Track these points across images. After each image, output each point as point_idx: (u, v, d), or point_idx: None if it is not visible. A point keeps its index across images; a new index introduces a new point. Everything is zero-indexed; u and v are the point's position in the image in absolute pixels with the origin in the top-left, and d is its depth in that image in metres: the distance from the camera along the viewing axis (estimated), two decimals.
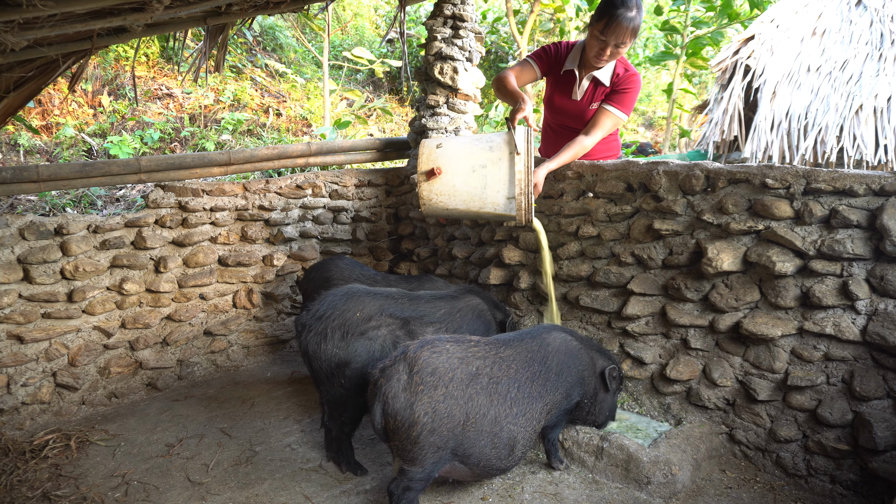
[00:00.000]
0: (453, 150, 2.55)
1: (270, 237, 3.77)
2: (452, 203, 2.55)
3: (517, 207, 2.46)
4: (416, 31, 8.51)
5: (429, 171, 2.52)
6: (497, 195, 2.48)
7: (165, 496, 2.23)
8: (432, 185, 2.53)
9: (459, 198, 2.53)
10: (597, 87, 2.93)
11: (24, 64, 2.45)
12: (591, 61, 2.84)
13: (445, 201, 2.55)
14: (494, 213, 2.52)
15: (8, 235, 2.82)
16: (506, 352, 2.08)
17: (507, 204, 2.47)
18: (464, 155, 2.53)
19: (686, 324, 2.48)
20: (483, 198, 2.50)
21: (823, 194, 2.17)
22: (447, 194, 2.54)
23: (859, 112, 4.64)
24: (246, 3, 2.41)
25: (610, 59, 2.79)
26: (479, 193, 2.50)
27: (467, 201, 2.53)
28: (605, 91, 2.92)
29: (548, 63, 3.03)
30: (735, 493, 2.17)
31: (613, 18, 2.60)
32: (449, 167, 2.52)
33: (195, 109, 5.90)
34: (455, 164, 2.52)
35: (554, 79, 3.06)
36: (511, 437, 1.97)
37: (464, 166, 2.51)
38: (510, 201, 2.46)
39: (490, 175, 2.47)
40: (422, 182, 2.55)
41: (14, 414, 2.83)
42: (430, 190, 2.54)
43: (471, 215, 2.59)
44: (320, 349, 2.31)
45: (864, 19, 5.11)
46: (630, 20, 2.60)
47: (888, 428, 2.01)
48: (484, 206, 2.51)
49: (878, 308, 2.09)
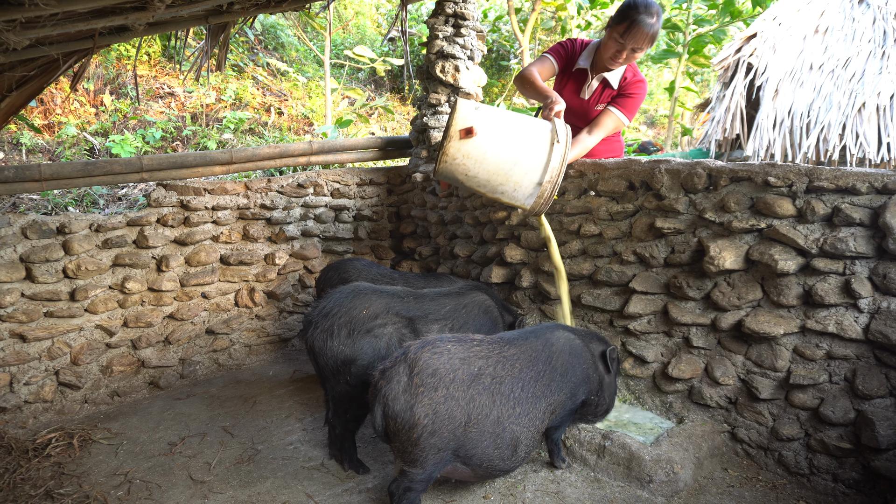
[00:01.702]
0: (496, 118, 2.41)
1: (272, 236, 3.77)
2: (476, 170, 2.39)
3: (540, 195, 2.38)
4: (418, 30, 8.50)
5: (467, 129, 2.33)
6: (525, 177, 2.38)
7: (168, 494, 2.24)
8: (463, 144, 2.34)
9: (485, 167, 2.39)
10: (605, 89, 2.96)
11: (26, 63, 2.46)
12: (605, 62, 2.85)
13: (470, 166, 2.38)
14: (513, 194, 2.41)
15: (10, 234, 2.83)
16: (509, 351, 2.06)
17: (533, 189, 2.38)
18: (506, 125, 2.40)
19: (688, 322, 2.48)
20: (509, 175, 2.38)
21: (826, 192, 2.16)
22: (475, 159, 2.37)
23: (862, 110, 4.63)
24: (247, 2, 2.41)
25: (625, 63, 2.82)
26: (508, 169, 2.38)
27: (492, 173, 2.39)
28: (612, 93, 2.94)
29: (564, 58, 3.05)
30: (737, 491, 2.17)
31: (634, 23, 2.63)
32: (488, 132, 2.35)
33: (197, 108, 5.91)
34: (495, 131, 2.37)
35: (565, 75, 3.09)
36: (514, 437, 1.96)
37: (503, 137, 2.37)
38: (537, 187, 2.38)
39: (525, 154, 2.36)
40: (453, 139, 2.35)
41: (17, 412, 2.83)
42: (458, 149, 2.36)
43: (487, 190, 2.46)
44: (326, 346, 2.31)
45: (867, 17, 5.10)
46: (650, 26, 2.64)
47: (891, 426, 2.00)
48: (506, 183, 2.40)
49: (880, 306, 2.08)
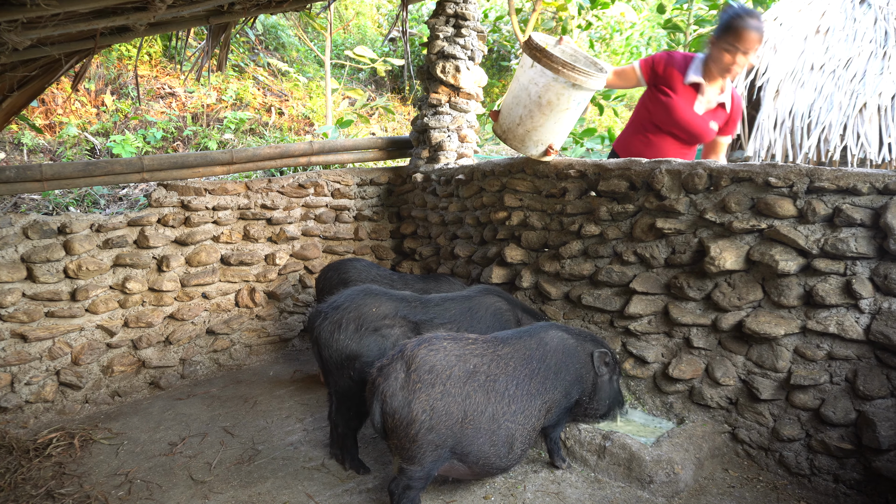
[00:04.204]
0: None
1: (273, 236, 3.77)
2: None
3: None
4: (419, 30, 8.50)
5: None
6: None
7: (168, 494, 2.24)
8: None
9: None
10: (718, 107, 3.05)
11: (27, 63, 2.46)
12: (717, 74, 2.94)
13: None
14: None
15: (12, 234, 2.83)
16: (503, 349, 2.07)
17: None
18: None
19: (689, 323, 2.48)
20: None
21: (827, 193, 2.16)
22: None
23: (863, 110, 4.62)
24: (248, 2, 2.41)
25: (740, 69, 2.89)
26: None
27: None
28: (723, 116, 3.06)
29: (651, 71, 3.09)
30: (738, 492, 2.17)
31: (745, 30, 2.75)
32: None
33: (198, 108, 5.91)
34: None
35: (672, 88, 3.03)
36: (509, 434, 1.97)
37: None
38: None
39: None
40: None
41: (18, 412, 2.84)
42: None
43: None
44: (332, 338, 2.31)
45: (868, 17, 5.09)
46: (757, 28, 2.76)
47: (892, 427, 2.00)
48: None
49: (881, 307, 2.08)
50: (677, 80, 2.99)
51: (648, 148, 3.12)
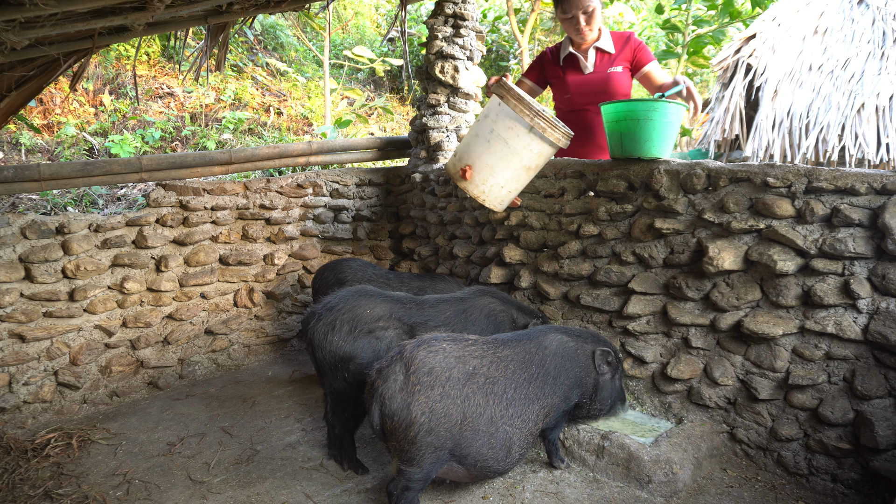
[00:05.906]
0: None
1: (271, 236, 3.77)
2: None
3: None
4: (417, 30, 8.50)
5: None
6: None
7: (167, 495, 2.24)
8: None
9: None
10: (604, 55, 3.17)
11: (25, 63, 2.46)
12: (578, 41, 3.16)
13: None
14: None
15: (9, 234, 2.83)
16: (503, 352, 2.07)
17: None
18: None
19: (687, 323, 2.48)
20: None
21: (825, 193, 2.16)
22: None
23: (861, 111, 4.63)
24: (247, 2, 2.41)
25: (589, 27, 3.04)
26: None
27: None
28: (612, 57, 3.16)
29: (537, 71, 3.35)
30: (736, 491, 2.17)
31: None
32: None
33: (196, 108, 5.90)
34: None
35: (558, 69, 3.27)
36: (507, 437, 1.96)
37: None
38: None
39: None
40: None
41: (16, 413, 2.83)
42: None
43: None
44: (326, 339, 2.30)
45: (867, 17, 5.10)
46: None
47: (889, 427, 2.00)
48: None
49: (879, 307, 2.09)
50: (556, 63, 3.29)
51: (579, 129, 3.19)
